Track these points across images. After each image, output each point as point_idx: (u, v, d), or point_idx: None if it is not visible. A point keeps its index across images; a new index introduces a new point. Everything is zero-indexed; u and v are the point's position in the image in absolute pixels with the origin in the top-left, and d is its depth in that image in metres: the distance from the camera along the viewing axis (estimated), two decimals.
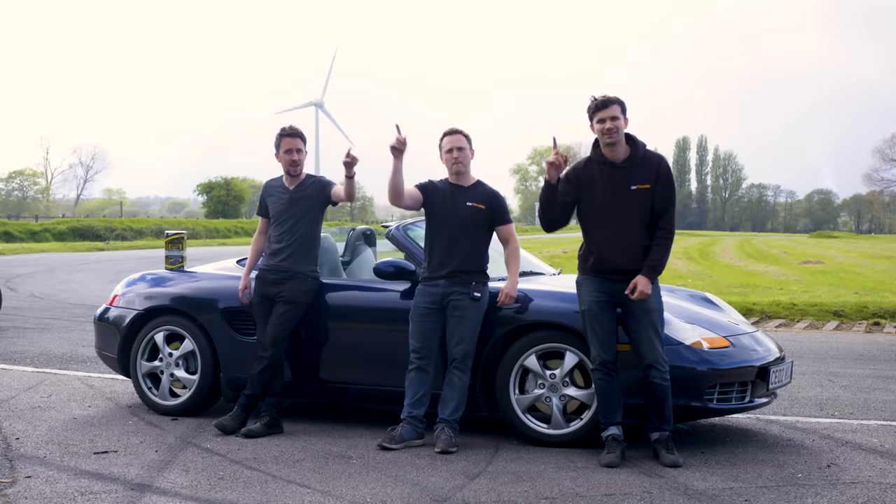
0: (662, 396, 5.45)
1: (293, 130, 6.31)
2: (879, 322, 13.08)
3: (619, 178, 5.51)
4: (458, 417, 5.81)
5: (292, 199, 6.27)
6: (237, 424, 6.10)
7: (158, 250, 35.94)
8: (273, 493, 4.81)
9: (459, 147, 5.94)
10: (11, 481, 4.97)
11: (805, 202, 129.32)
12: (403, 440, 5.76)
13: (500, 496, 4.78)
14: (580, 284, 5.64)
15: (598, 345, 5.50)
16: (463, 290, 5.83)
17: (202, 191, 67.65)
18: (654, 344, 5.45)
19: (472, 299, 5.83)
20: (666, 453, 5.41)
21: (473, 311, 5.84)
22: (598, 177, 5.54)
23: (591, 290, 5.55)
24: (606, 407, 5.52)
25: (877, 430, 6.41)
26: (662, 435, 5.48)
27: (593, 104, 5.53)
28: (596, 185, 5.54)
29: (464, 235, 5.90)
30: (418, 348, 5.86)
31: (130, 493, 4.78)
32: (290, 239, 6.24)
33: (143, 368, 6.79)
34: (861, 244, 49.89)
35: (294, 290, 6.19)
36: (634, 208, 5.50)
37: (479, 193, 5.98)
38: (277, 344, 6.15)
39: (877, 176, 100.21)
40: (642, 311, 5.46)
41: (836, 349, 10.55)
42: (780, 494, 4.83)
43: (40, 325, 12.13)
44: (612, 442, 5.46)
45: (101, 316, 7.19)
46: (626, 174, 5.52)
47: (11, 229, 43.76)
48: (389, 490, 4.87)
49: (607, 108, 5.48)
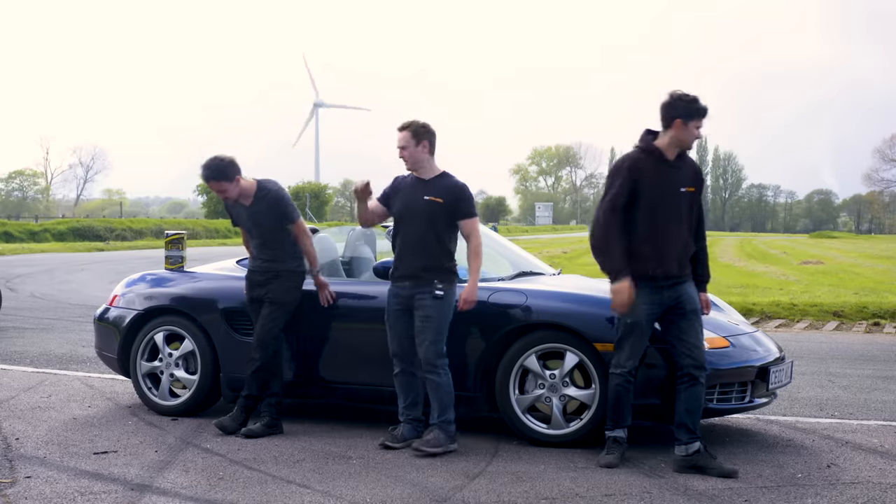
0: (703, 401, 5.34)
1: (205, 175, 6.16)
2: (879, 322, 13.08)
3: (672, 178, 5.25)
4: (450, 418, 5.69)
5: (250, 213, 6.24)
6: (237, 425, 6.10)
7: (158, 250, 35.92)
8: (273, 493, 4.81)
9: (402, 146, 5.79)
10: (11, 481, 4.97)
11: (805, 202, 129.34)
12: (405, 439, 5.76)
13: (499, 496, 4.78)
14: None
15: (632, 353, 5.32)
16: (427, 290, 5.69)
17: (202, 191, 67.63)
18: (703, 347, 5.37)
19: (434, 297, 5.68)
20: (720, 463, 5.20)
21: (436, 309, 5.67)
22: (654, 173, 5.22)
23: (647, 303, 5.24)
24: (618, 410, 5.40)
25: (877, 431, 6.41)
26: (703, 444, 5.27)
27: (698, 107, 5.19)
28: (654, 181, 5.21)
29: (421, 231, 5.73)
30: (396, 352, 5.83)
31: (130, 493, 4.78)
32: (268, 240, 6.22)
33: (142, 369, 6.79)
34: (861, 244, 49.89)
35: (278, 290, 6.16)
36: (684, 211, 5.28)
37: (438, 186, 5.76)
38: (265, 346, 6.13)
39: (877, 176, 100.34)
40: (694, 314, 5.33)
41: (836, 349, 10.55)
42: (780, 494, 4.83)
43: (40, 326, 12.13)
44: (613, 443, 5.41)
45: (101, 316, 7.19)
46: (677, 174, 5.28)
47: (11, 229, 43.74)
48: (389, 490, 4.87)
49: (706, 117, 5.23)
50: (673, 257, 5.24)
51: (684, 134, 5.21)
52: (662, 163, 5.24)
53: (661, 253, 5.23)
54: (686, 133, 5.20)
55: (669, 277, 5.26)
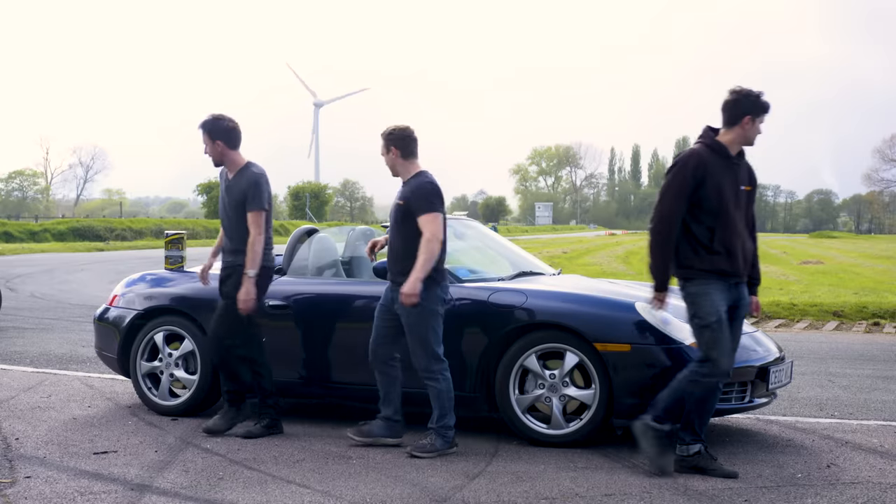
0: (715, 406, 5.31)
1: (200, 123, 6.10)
2: (879, 322, 13.08)
3: (735, 176, 5.16)
4: (448, 423, 5.63)
5: (227, 186, 6.13)
6: (229, 420, 6.08)
7: (158, 250, 35.92)
8: (273, 493, 4.81)
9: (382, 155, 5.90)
10: (11, 481, 4.97)
11: (805, 202, 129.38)
12: (370, 435, 5.79)
13: (499, 496, 4.78)
14: (706, 292, 5.09)
15: (729, 356, 5.13)
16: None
17: (202, 191, 67.65)
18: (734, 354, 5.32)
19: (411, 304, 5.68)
20: (720, 464, 5.19)
21: (414, 315, 5.62)
22: (719, 170, 5.11)
23: (721, 299, 5.10)
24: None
25: (877, 431, 6.41)
26: (704, 446, 5.22)
27: (765, 104, 5.12)
28: (720, 179, 5.09)
29: (393, 235, 5.75)
30: (370, 346, 5.88)
31: (130, 493, 4.78)
32: (228, 228, 6.11)
33: (142, 369, 6.79)
34: (861, 244, 49.89)
35: (231, 287, 6.05)
36: (743, 209, 5.22)
37: (406, 188, 5.74)
38: (214, 343, 6.03)
39: (877, 176, 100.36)
40: (740, 319, 5.29)
41: (836, 349, 10.55)
42: (780, 494, 4.83)
43: (40, 325, 12.13)
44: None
45: (101, 316, 7.19)
46: (738, 172, 5.19)
47: (11, 229, 43.75)
48: (389, 490, 4.87)
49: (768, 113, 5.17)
50: (739, 255, 5.16)
51: (752, 131, 5.16)
52: (726, 159, 5.16)
53: (731, 251, 5.14)
54: (753, 130, 5.16)
55: (738, 276, 5.19)
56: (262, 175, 6.08)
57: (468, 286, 6.16)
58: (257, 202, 5.98)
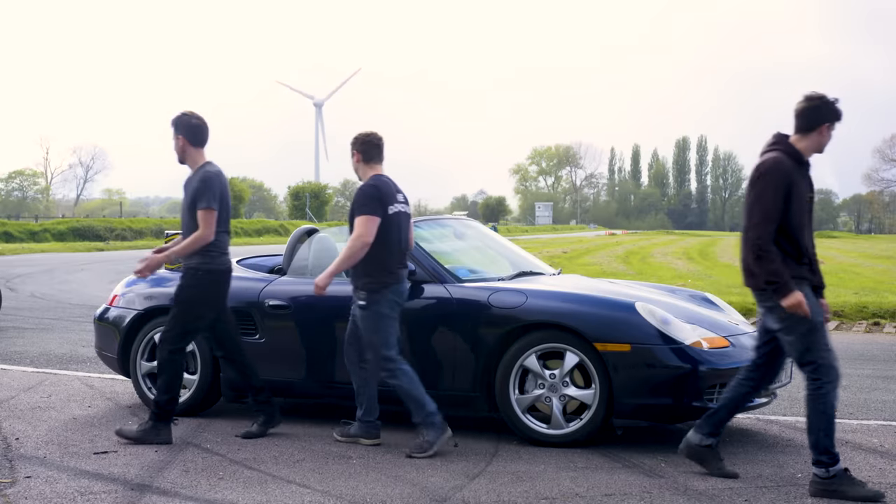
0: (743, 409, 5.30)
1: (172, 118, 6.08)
2: (879, 322, 13.08)
3: (808, 183, 5.04)
4: (429, 409, 5.58)
5: (185, 183, 6.09)
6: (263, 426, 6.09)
7: None
8: (273, 493, 4.81)
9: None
10: (11, 481, 4.97)
11: None
12: (349, 435, 5.90)
13: (499, 496, 4.78)
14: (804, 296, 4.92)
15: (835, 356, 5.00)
16: (356, 300, 5.80)
17: None
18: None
19: (359, 307, 5.75)
20: (724, 464, 5.19)
21: (362, 320, 5.73)
22: (798, 178, 4.97)
23: (815, 301, 4.99)
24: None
25: (877, 430, 6.41)
26: (716, 442, 5.21)
27: (840, 111, 4.99)
28: (799, 187, 4.96)
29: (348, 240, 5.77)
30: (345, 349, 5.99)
31: (130, 493, 4.78)
32: (187, 232, 5.99)
33: (143, 368, 6.80)
34: (861, 244, 49.88)
35: (178, 288, 5.99)
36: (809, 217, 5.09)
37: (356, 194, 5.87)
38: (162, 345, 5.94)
39: (877, 176, 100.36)
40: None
41: (836, 349, 10.48)
42: (780, 494, 4.83)
43: (40, 325, 12.13)
44: (847, 481, 4.81)
45: (101, 316, 7.19)
46: (809, 180, 5.05)
47: (11, 229, 43.75)
48: (389, 490, 4.87)
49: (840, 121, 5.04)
50: (816, 265, 5.08)
51: (827, 138, 5.04)
52: (803, 167, 5.04)
53: (812, 260, 5.05)
54: (828, 137, 5.04)
55: (819, 286, 5.09)
56: (215, 173, 5.97)
57: (468, 286, 6.16)
58: (205, 200, 5.85)
